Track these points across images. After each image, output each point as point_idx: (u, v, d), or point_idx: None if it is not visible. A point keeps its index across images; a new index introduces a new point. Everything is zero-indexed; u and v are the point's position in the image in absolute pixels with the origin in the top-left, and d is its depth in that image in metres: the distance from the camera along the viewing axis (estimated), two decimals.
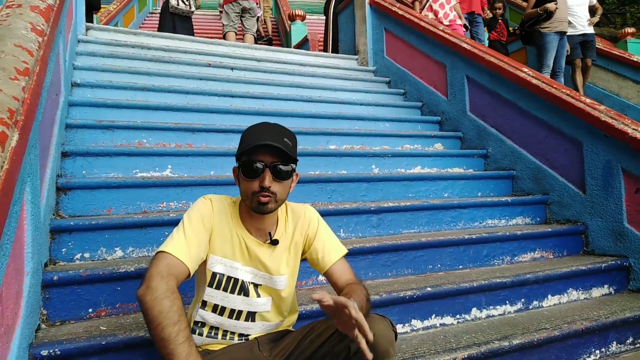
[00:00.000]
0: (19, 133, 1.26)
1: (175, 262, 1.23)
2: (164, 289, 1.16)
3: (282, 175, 1.32)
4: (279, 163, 1.31)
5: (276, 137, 1.31)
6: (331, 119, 3.60)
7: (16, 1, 2.00)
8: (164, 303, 1.13)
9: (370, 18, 5.00)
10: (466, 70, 3.74)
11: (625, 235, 2.64)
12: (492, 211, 2.94)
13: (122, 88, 3.16)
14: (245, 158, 1.31)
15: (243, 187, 1.35)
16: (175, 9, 6.23)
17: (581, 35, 5.68)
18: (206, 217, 1.36)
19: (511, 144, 3.34)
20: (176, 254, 1.24)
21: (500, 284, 2.25)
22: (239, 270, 1.38)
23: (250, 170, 1.30)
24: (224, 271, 1.37)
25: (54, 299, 1.68)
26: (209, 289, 1.37)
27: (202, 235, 1.33)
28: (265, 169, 1.30)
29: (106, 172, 2.42)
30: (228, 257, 1.38)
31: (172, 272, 1.21)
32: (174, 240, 1.28)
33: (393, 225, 2.63)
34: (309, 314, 1.82)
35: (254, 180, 1.31)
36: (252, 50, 4.87)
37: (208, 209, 1.38)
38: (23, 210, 1.43)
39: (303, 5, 12.23)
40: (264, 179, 1.29)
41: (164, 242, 1.29)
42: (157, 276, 1.18)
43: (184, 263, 1.25)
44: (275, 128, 1.36)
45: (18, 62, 1.50)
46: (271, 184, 1.30)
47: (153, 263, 1.23)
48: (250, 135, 1.33)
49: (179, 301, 1.16)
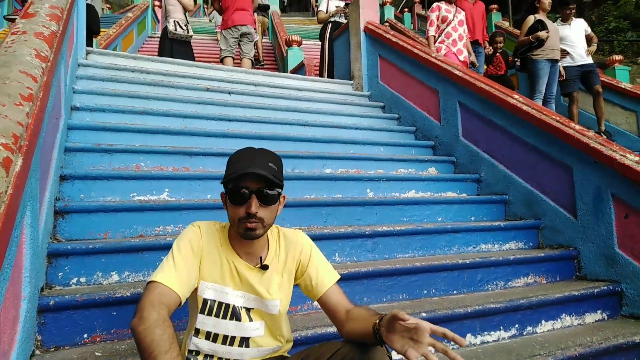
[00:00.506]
0: (22, 158, 1.29)
1: (165, 291, 1.26)
2: (155, 317, 1.18)
3: (268, 201, 1.34)
4: (265, 188, 1.33)
5: (261, 163, 1.33)
6: (327, 143, 3.65)
7: (21, 28, 2.06)
8: (156, 332, 1.15)
9: (365, 45, 5.11)
10: (458, 96, 3.83)
11: (617, 260, 2.68)
12: (486, 236, 2.97)
13: (121, 112, 3.21)
14: (232, 185, 1.33)
15: (230, 213, 1.37)
16: (173, 34, 6.34)
17: (580, 66, 5.71)
18: (195, 244, 1.38)
19: (503, 169, 3.40)
20: (166, 283, 1.27)
21: (494, 309, 2.26)
22: (229, 295, 1.40)
23: (237, 197, 1.33)
24: (215, 297, 1.39)
25: (49, 324, 1.68)
26: (201, 315, 1.38)
27: (192, 263, 1.35)
28: (251, 195, 1.32)
29: (104, 196, 2.44)
30: (218, 283, 1.39)
31: (163, 300, 1.24)
32: (163, 269, 1.30)
33: (388, 249, 2.65)
34: (305, 340, 1.83)
35: (241, 207, 1.33)
36: (250, 75, 4.96)
37: (197, 235, 1.40)
38: (23, 234, 1.45)
39: (299, 31, 12.47)
40: (250, 205, 1.31)
41: (155, 272, 1.31)
42: (148, 306, 1.20)
43: (174, 291, 1.27)
44: (260, 153, 1.39)
45: (23, 88, 1.54)
46: (258, 210, 1.32)
47: (144, 293, 1.26)
48: (235, 162, 1.35)
49: (170, 329, 1.18)
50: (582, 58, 5.72)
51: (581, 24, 5.86)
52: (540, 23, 5.45)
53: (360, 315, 1.36)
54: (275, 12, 12.40)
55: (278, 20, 11.26)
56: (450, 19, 5.00)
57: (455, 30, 5.00)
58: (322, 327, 1.88)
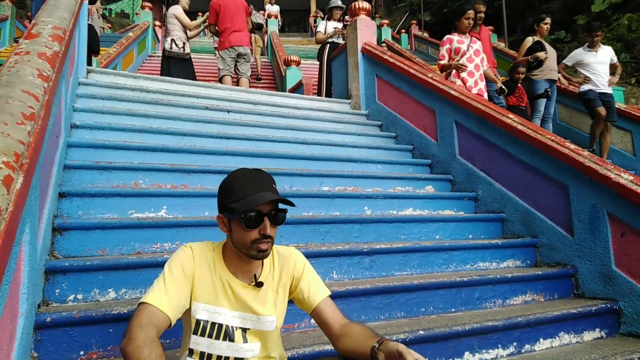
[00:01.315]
0: (23, 176, 1.31)
1: (154, 312, 1.27)
2: (143, 338, 1.19)
3: (278, 221, 1.40)
4: (274, 210, 1.38)
5: (268, 186, 1.39)
6: (325, 161, 3.68)
7: (24, 48, 2.09)
8: (143, 351, 1.17)
9: (363, 65, 5.20)
10: (455, 115, 3.88)
11: (614, 278, 2.68)
12: (484, 253, 2.98)
13: (121, 130, 3.24)
14: (244, 208, 1.35)
15: (240, 237, 1.38)
16: (169, 52, 6.44)
17: (600, 93, 5.58)
18: (187, 265, 1.39)
19: (500, 187, 3.43)
20: (155, 304, 1.28)
21: (492, 327, 2.25)
22: (223, 316, 1.40)
23: (251, 221, 1.35)
24: (208, 317, 1.39)
25: (46, 340, 1.67)
26: (194, 336, 1.39)
27: (182, 284, 1.36)
28: (264, 218, 1.36)
29: (102, 213, 2.45)
30: (211, 303, 1.40)
31: (152, 321, 1.25)
32: (154, 291, 1.32)
33: (385, 267, 2.65)
34: (302, 357, 1.81)
35: (254, 230, 1.36)
36: (249, 94, 5.02)
37: (188, 257, 1.41)
38: (22, 251, 1.45)
39: (298, 51, 12.66)
40: (265, 227, 1.36)
41: (146, 293, 1.33)
42: (137, 327, 1.22)
43: (164, 312, 1.28)
44: (262, 176, 1.43)
45: (25, 107, 1.57)
46: (271, 231, 1.37)
47: (134, 315, 1.28)
48: (241, 186, 1.38)
49: (157, 349, 1.19)
50: (602, 87, 5.60)
51: (607, 52, 5.75)
52: (538, 44, 5.56)
53: (356, 333, 1.37)
54: (274, 33, 12.61)
55: (277, 41, 11.44)
56: (464, 50, 4.61)
57: (471, 61, 4.61)
58: (319, 344, 1.87)
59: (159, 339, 1.26)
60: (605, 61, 5.71)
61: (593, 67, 5.64)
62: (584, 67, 5.69)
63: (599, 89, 5.60)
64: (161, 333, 1.28)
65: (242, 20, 6.35)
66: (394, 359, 1.24)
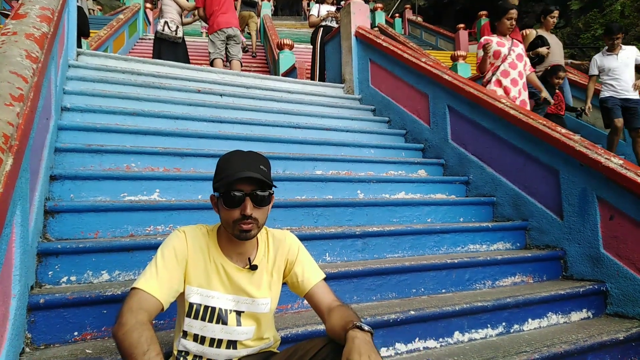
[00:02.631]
0: (13, 158, 1.30)
1: (145, 297, 1.28)
2: (133, 322, 1.21)
3: (261, 202, 1.38)
4: (258, 190, 1.36)
5: (253, 165, 1.37)
6: (318, 145, 3.68)
7: (12, 29, 2.06)
8: (133, 335, 1.18)
9: (356, 49, 5.16)
10: (447, 100, 3.88)
11: (602, 260, 2.73)
12: (474, 236, 3.02)
13: (112, 113, 3.21)
14: (225, 188, 1.36)
15: (224, 216, 1.39)
16: (161, 34, 6.35)
17: (623, 99, 5.19)
18: (179, 249, 1.39)
19: (491, 172, 3.45)
20: (146, 289, 1.29)
21: (482, 307, 2.29)
22: (215, 299, 1.41)
23: (231, 200, 1.35)
24: (200, 301, 1.40)
25: (40, 322, 1.68)
26: (188, 319, 1.40)
27: (175, 268, 1.37)
28: (245, 198, 1.35)
29: (94, 196, 2.44)
30: (204, 287, 1.41)
31: (143, 306, 1.26)
32: (145, 276, 1.33)
33: (378, 249, 2.68)
34: (295, 337, 1.84)
35: (235, 209, 1.35)
36: (241, 78, 4.98)
37: (181, 241, 1.41)
38: (13, 233, 1.45)
39: (291, 35, 12.53)
40: (245, 207, 1.34)
41: (137, 278, 1.34)
42: (127, 312, 1.24)
43: (155, 297, 1.29)
44: (251, 156, 1.42)
45: (13, 89, 1.55)
46: (252, 211, 1.35)
47: (125, 300, 1.29)
48: (226, 166, 1.38)
49: (148, 332, 1.20)
50: (626, 92, 5.20)
51: (631, 53, 5.31)
52: (540, 39, 5.33)
53: (337, 317, 1.37)
54: (267, 16, 12.44)
55: (270, 24, 11.30)
56: (505, 54, 4.08)
57: (513, 67, 4.09)
58: (312, 324, 1.90)
59: (152, 322, 1.27)
60: (629, 63, 5.26)
61: (615, 72, 5.23)
62: (605, 73, 5.27)
63: (621, 95, 5.19)
64: (153, 317, 1.29)
65: (229, 2, 6.26)
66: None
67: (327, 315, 1.43)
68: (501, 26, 4.18)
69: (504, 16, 4.14)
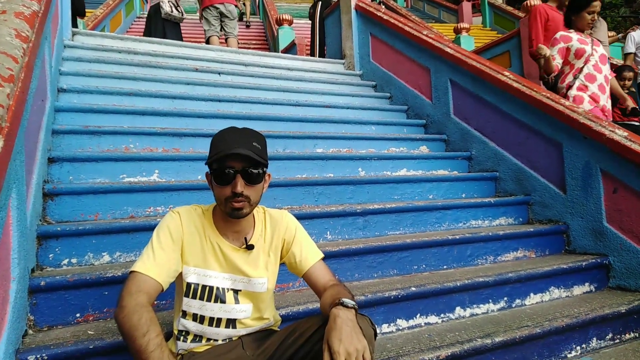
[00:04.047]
0: (4, 140, 1.27)
1: (144, 279, 1.28)
2: (132, 304, 1.21)
3: (253, 180, 1.35)
4: (250, 168, 1.33)
5: (245, 142, 1.33)
6: (318, 123, 3.64)
7: (0, 7, 2.01)
8: (133, 318, 1.19)
9: (356, 23, 5.05)
10: (450, 74, 3.80)
11: (605, 234, 2.71)
12: (476, 212, 3.00)
13: (109, 93, 3.17)
14: (216, 165, 1.34)
15: (216, 193, 1.38)
16: (168, 15, 6.22)
17: None
18: (174, 230, 1.38)
19: (494, 146, 3.41)
20: (144, 271, 1.29)
21: (483, 283, 2.29)
22: (212, 278, 1.41)
23: (222, 177, 1.33)
24: (198, 280, 1.40)
25: (41, 304, 1.69)
26: (186, 298, 1.40)
27: (171, 249, 1.36)
28: (236, 175, 1.32)
29: (93, 178, 2.43)
30: (200, 267, 1.40)
31: (142, 288, 1.26)
32: (142, 259, 1.32)
33: (379, 227, 2.67)
34: (296, 315, 1.85)
35: (227, 187, 1.33)
36: (240, 55, 4.90)
37: (176, 222, 1.40)
38: (9, 216, 1.44)
39: (291, 10, 12.29)
40: (235, 184, 1.32)
41: (135, 261, 1.34)
42: (126, 295, 1.24)
43: (153, 278, 1.29)
44: (244, 133, 1.39)
45: (2, 69, 1.51)
46: (243, 189, 1.32)
47: (125, 283, 1.29)
48: (219, 142, 1.35)
49: (148, 314, 1.21)
50: None
51: None
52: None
53: (327, 296, 1.37)
54: None
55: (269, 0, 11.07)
56: (588, 54, 3.48)
57: (599, 70, 3.50)
58: (312, 302, 1.90)
59: (153, 303, 1.28)
60: None
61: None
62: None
63: None
64: (153, 298, 1.29)
65: None
66: None
67: (322, 294, 1.42)
68: (580, 21, 3.56)
69: (585, 9, 3.53)
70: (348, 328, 1.18)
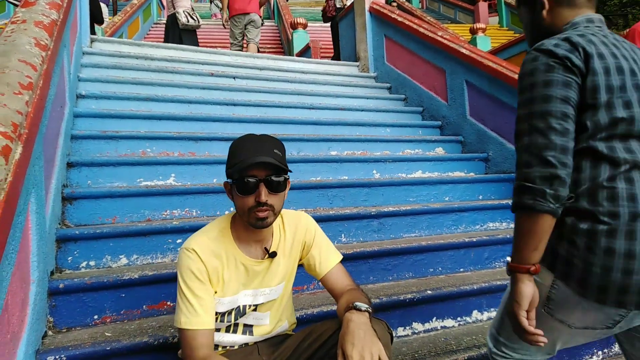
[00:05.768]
0: (22, 146, 1.30)
1: (194, 335, 1.26)
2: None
3: (276, 188, 1.30)
4: (272, 176, 1.29)
5: (266, 150, 1.29)
6: (333, 125, 3.64)
7: (20, 17, 2.06)
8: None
9: (371, 25, 5.04)
10: (465, 75, 3.76)
11: None
12: (493, 214, 2.95)
13: (126, 99, 3.22)
14: (238, 175, 1.28)
15: (238, 204, 1.32)
16: (185, 25, 6.36)
17: None
18: (198, 272, 1.31)
19: (511, 147, 3.36)
20: (192, 327, 1.26)
21: (501, 286, 2.25)
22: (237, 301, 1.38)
23: (245, 186, 1.28)
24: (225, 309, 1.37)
25: (60, 306, 1.72)
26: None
27: (203, 292, 1.30)
28: (260, 184, 1.28)
29: (111, 182, 2.47)
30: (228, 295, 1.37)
31: (199, 343, 1.25)
32: (183, 313, 1.28)
33: (394, 229, 2.65)
34: (311, 318, 1.85)
35: (250, 196, 1.28)
36: (254, 59, 4.93)
37: (197, 264, 1.31)
38: (28, 220, 1.47)
39: (305, 14, 12.34)
40: (260, 194, 1.27)
41: (176, 315, 1.29)
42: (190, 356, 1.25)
43: (202, 329, 1.26)
44: (264, 140, 1.34)
45: (22, 77, 1.55)
46: (267, 198, 1.28)
47: (181, 343, 1.29)
48: (239, 151, 1.31)
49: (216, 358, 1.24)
50: None
51: None
52: None
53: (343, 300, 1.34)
54: None
55: (283, 3, 11.16)
56: None
57: None
58: (327, 305, 1.90)
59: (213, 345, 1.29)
60: None
61: None
62: None
63: None
64: (212, 342, 1.29)
65: None
66: None
67: (339, 299, 1.40)
68: None
69: None
70: (361, 332, 1.16)
